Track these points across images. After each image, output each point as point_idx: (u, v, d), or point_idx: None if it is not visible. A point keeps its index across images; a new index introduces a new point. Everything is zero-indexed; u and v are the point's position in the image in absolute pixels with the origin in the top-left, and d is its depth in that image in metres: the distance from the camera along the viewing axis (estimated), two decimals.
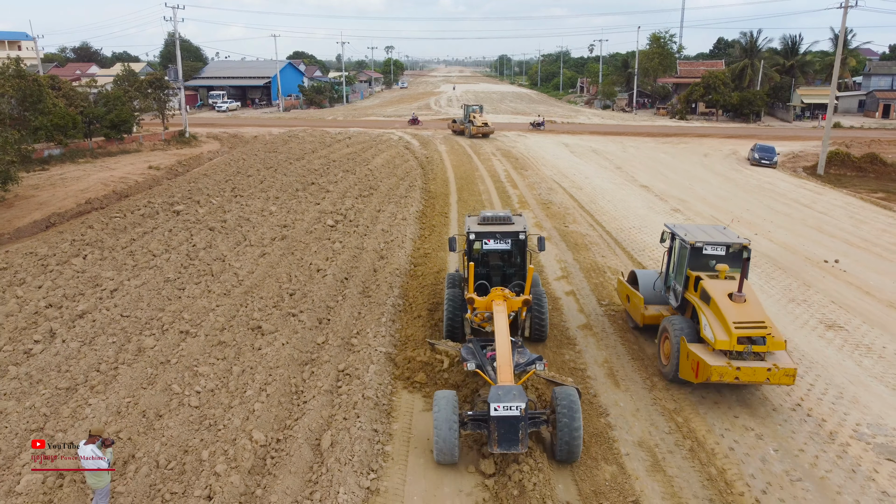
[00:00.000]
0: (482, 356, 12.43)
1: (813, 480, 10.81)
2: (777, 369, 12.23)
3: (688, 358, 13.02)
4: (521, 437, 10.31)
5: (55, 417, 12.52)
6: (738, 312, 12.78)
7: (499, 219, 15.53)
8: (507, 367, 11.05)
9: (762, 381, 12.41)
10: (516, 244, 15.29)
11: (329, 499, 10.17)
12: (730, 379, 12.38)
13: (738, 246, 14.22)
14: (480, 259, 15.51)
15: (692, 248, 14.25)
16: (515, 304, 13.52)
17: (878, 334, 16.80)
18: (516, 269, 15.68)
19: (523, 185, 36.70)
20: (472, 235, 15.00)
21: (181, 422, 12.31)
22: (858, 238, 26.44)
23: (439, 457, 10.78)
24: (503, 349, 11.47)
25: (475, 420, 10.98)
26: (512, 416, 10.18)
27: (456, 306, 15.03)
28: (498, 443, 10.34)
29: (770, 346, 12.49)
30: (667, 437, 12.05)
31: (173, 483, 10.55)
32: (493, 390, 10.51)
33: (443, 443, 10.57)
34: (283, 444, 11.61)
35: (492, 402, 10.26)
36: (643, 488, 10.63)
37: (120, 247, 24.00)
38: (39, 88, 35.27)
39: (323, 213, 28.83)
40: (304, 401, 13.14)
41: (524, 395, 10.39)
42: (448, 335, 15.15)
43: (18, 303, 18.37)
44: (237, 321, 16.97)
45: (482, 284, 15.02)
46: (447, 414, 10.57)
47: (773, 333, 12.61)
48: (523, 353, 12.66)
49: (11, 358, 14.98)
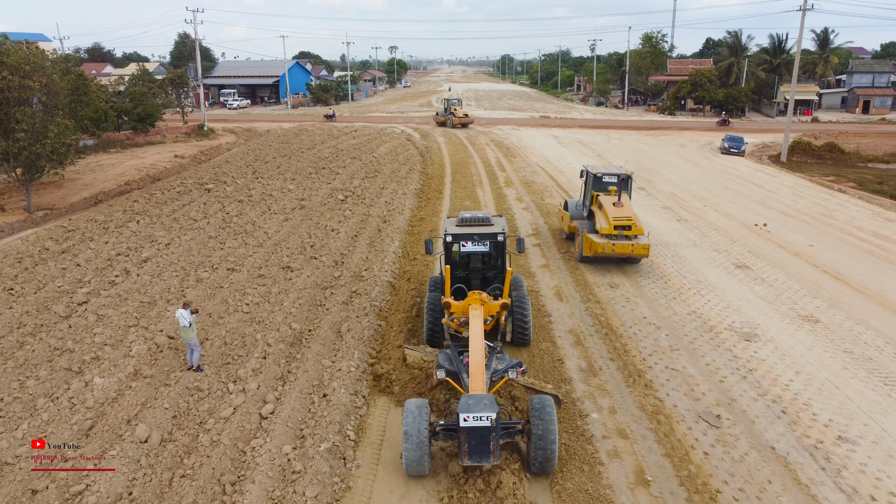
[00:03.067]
0: (459, 363, 11.95)
1: (688, 350, 15.34)
2: (637, 245, 20.10)
3: (585, 242, 20.73)
4: (492, 449, 9.85)
5: (145, 319, 17.09)
6: (617, 213, 20.50)
7: (477, 220, 15.00)
8: (478, 376, 10.65)
9: (629, 253, 20.10)
10: (495, 246, 14.75)
11: (346, 359, 14.71)
12: (609, 251, 20.12)
13: (625, 175, 22.50)
14: (459, 262, 15.17)
15: (595, 177, 22.51)
16: (493, 308, 13.31)
17: (777, 272, 21.29)
18: (496, 271, 15.17)
19: (511, 168, 41.27)
20: (449, 237, 14.52)
21: (237, 321, 16.85)
22: (793, 209, 30.89)
23: (409, 469, 10.32)
24: (476, 356, 11.11)
25: (447, 430, 10.53)
26: (482, 426, 9.73)
27: (436, 311, 14.45)
28: (468, 455, 9.92)
29: (634, 231, 20.27)
30: (590, 328, 16.60)
31: (238, 349, 15.13)
32: (462, 400, 10.10)
33: (412, 455, 10.09)
34: (313, 332, 16.19)
35: (461, 413, 9.79)
36: (567, 354, 15.13)
37: (164, 215, 28.61)
38: (85, 83, 39.97)
39: (334, 190, 33.41)
40: (326, 308, 17.73)
41: (495, 405, 9.95)
42: (429, 341, 14.72)
43: (93, 252, 23.01)
44: (271, 262, 21.56)
45: (460, 288, 14.56)
46: (417, 424, 10.12)
47: (636, 224, 20.27)
48: (502, 358, 12.27)
49: (101, 286, 19.58)
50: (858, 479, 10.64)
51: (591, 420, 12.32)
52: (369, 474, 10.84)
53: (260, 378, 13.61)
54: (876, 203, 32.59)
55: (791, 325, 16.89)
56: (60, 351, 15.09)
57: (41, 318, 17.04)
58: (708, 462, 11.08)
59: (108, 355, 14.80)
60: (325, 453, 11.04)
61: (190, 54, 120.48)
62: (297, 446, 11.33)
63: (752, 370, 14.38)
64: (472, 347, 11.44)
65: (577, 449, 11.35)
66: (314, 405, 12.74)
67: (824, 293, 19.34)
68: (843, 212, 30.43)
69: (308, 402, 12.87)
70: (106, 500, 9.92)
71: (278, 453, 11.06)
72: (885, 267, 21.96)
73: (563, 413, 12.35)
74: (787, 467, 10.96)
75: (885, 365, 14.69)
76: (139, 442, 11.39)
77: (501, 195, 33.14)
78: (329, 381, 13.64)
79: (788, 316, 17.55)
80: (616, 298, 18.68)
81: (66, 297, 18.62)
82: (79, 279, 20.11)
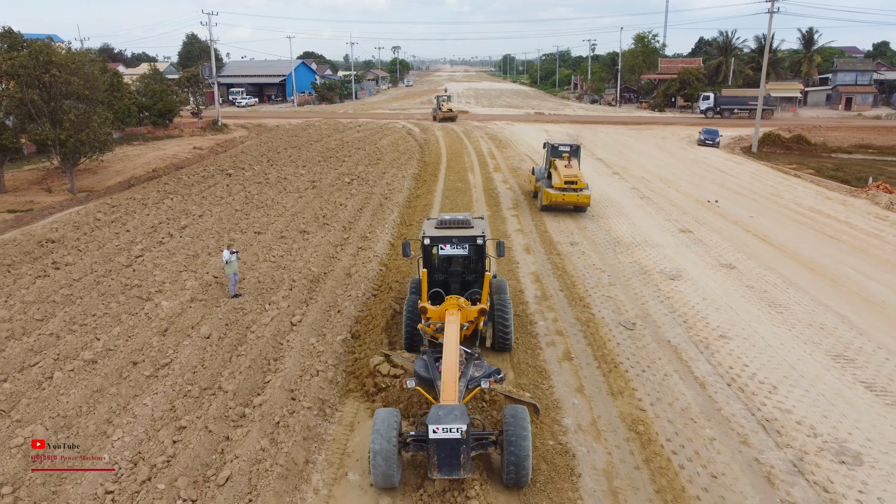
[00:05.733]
0: (434, 370, 11.62)
1: (622, 285, 19.46)
2: (581, 195, 27.48)
3: (544, 194, 28.38)
4: (462, 462, 9.57)
5: (192, 265, 21.24)
6: (566, 172, 27.99)
7: (457, 222, 14.62)
8: (451, 385, 10.27)
9: (574, 201, 27.65)
10: (475, 249, 14.37)
11: (354, 289, 18.83)
12: (560, 200, 27.64)
13: (575, 145, 30.73)
14: (438, 265, 14.91)
15: (553, 147, 30.38)
16: (470, 313, 13.10)
17: (713, 235, 25.39)
18: (476, 275, 14.76)
19: (500, 157, 45.44)
20: (427, 240, 14.20)
21: (267, 267, 21.01)
22: (747, 190, 34.96)
23: (377, 481, 9.97)
24: (449, 363, 10.74)
25: (417, 441, 10.16)
26: (452, 438, 9.40)
27: (414, 315, 14.04)
28: (438, 467, 9.62)
29: (578, 185, 27.59)
30: (549, 272, 20.73)
31: (269, 284, 19.29)
32: (433, 410, 9.77)
33: (380, 467, 9.74)
34: (328, 274, 20.36)
35: (430, 424, 9.45)
36: (528, 287, 19.24)
37: (193, 194, 32.83)
38: (118, 80, 44.27)
39: (341, 174, 37.60)
40: (338, 258, 21.92)
41: (466, 416, 9.60)
42: (407, 346, 14.46)
43: (139, 221, 27.23)
44: (290, 228, 25.74)
45: (438, 292, 14.18)
46: (386, 436, 9.76)
47: (580, 180, 27.69)
48: (480, 365, 11.98)
49: (151, 245, 23.77)
50: (725, 359, 14.73)
51: (538, 326, 16.44)
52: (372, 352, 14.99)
53: (289, 300, 17.81)
54: (823, 186, 36.61)
55: (710, 270, 21.01)
56: (130, 286, 19.29)
57: (108, 266, 21.25)
58: (618, 348, 15.20)
59: (168, 288, 19.01)
60: (340, 341, 15.24)
61: (199, 55, 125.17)
62: (318, 338, 15.50)
63: (669, 297, 18.50)
64: (445, 354, 11.05)
65: (526, 341, 15.46)
66: (331, 317, 16.92)
67: (747, 249, 23.43)
68: (791, 192, 34.48)
69: (326, 315, 17.04)
70: (185, 369, 14.06)
71: (305, 342, 15.22)
72: (808, 233, 26.02)
73: (518, 321, 16.43)
74: (676, 351, 15.07)
75: (776, 295, 18.78)
76: (203, 338, 15.56)
77: (489, 178, 37.30)
78: (342, 301, 17.85)
79: (711, 264, 21.68)
80: (574, 252, 22.82)
81: (124, 252, 22.84)
82: (131, 241, 24.33)
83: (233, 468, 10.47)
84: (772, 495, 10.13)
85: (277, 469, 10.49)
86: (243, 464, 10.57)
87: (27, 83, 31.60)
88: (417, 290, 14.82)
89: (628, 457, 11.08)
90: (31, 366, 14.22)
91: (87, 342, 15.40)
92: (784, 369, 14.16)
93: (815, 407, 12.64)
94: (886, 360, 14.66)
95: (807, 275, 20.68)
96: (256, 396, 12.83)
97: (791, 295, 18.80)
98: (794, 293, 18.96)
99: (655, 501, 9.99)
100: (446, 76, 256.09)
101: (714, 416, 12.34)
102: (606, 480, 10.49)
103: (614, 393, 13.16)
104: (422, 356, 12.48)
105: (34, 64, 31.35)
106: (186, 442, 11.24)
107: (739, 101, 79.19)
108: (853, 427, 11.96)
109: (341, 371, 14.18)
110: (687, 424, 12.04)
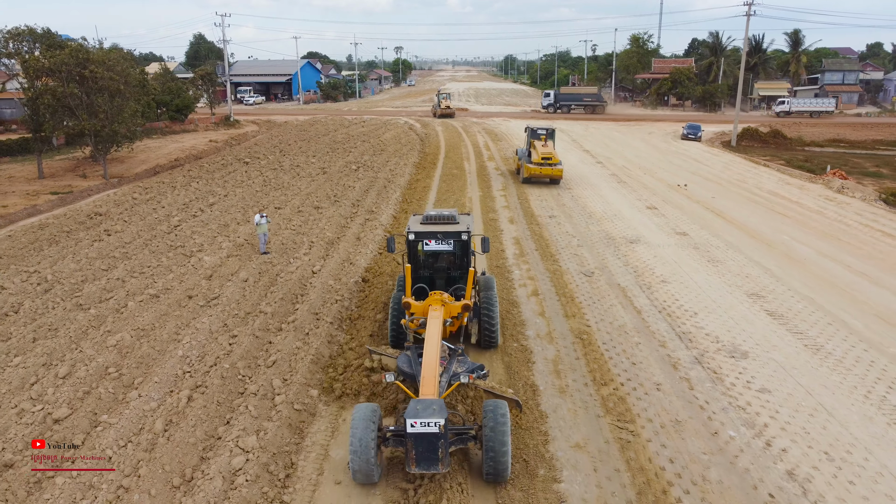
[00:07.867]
0: (417, 365, 11.52)
1: (589, 247, 23.10)
2: (555, 169, 33.61)
3: (524, 168, 34.00)
4: (440, 456, 9.62)
5: (225, 231, 24.91)
6: (543, 150, 33.90)
7: (442, 218, 14.59)
8: (430, 379, 10.37)
9: (549, 173, 33.71)
10: (459, 245, 14.34)
11: (364, 248, 22.51)
12: (537, 172, 33.65)
13: (551, 129, 36.35)
14: (423, 261, 15.03)
15: (533, 130, 36.00)
16: (454, 309, 13.19)
17: (676, 211, 29.03)
18: (462, 271, 14.66)
19: (494, 149, 49.15)
20: (412, 236, 14.23)
21: (289, 233, 24.68)
22: (716, 177, 38.57)
23: (356, 477, 10.12)
24: (430, 358, 10.84)
25: (396, 436, 10.26)
26: (430, 433, 9.47)
27: (399, 311, 14.08)
28: (416, 462, 9.66)
29: (553, 161, 33.55)
30: (528, 237, 24.39)
31: (292, 245, 22.97)
32: (411, 404, 9.84)
33: (359, 462, 9.82)
34: (341, 238, 24.05)
35: (408, 418, 9.54)
36: (508, 248, 22.88)
37: (216, 179, 36.54)
38: (145, 76, 48.02)
39: (349, 162, 41.31)
40: (349, 227, 25.63)
41: (444, 410, 9.68)
42: (392, 341, 14.50)
43: (171, 200, 30.95)
44: (306, 204, 29.43)
45: (422, 288, 14.30)
46: (365, 430, 9.84)
47: (554, 157, 33.66)
48: (463, 361, 12.10)
49: (186, 217, 27.47)
50: (661, 296, 18.36)
51: (513, 273, 20.09)
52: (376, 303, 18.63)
53: (309, 256, 21.52)
54: (788, 174, 40.21)
55: (666, 237, 24.68)
56: (174, 247, 22.99)
57: (152, 232, 24.97)
58: (578, 289, 18.85)
59: (207, 247, 22.72)
60: (353, 283, 18.96)
61: (206, 55, 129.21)
62: (336, 280, 19.20)
63: (626, 255, 22.17)
64: (426, 349, 11.12)
65: (505, 283, 19.11)
66: (344, 268, 20.62)
67: (702, 222, 27.08)
68: (756, 179, 38.09)
69: (341, 266, 20.74)
70: (231, 301, 17.72)
71: (325, 283, 18.91)
72: (760, 210, 29.64)
73: (497, 272, 20.07)
74: (623, 291, 18.73)
75: (716, 254, 22.41)
76: (242, 281, 19.24)
77: (483, 166, 41.01)
78: (354, 256, 21.57)
79: (668, 232, 25.34)
80: (551, 223, 26.48)
81: (164, 222, 26.55)
82: (168, 215, 28.04)
83: (277, 357, 14.15)
84: (674, 375, 13.78)
85: (309, 358, 14.18)
86: (284, 354, 14.26)
87: (68, 79, 35.33)
88: (403, 286, 14.78)
89: (572, 352, 14.76)
90: (107, 300, 17.92)
91: (148, 283, 19.11)
92: (706, 302, 17.83)
93: (723, 325, 16.31)
94: (791, 297, 18.31)
95: (747, 240, 24.33)
96: (289, 316, 16.53)
97: (729, 254, 22.45)
98: (732, 253, 22.61)
99: (587, 376, 13.66)
100: (448, 76, 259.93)
101: (643, 330, 16.01)
102: (553, 365, 14.16)
103: (568, 316, 16.84)
104: (405, 352, 12.46)
105: (74, 61, 35.07)
106: (240, 343, 14.93)
107: (576, 98, 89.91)
108: (748, 337, 15.62)
109: (355, 302, 17.87)
110: (621, 335, 15.71)
